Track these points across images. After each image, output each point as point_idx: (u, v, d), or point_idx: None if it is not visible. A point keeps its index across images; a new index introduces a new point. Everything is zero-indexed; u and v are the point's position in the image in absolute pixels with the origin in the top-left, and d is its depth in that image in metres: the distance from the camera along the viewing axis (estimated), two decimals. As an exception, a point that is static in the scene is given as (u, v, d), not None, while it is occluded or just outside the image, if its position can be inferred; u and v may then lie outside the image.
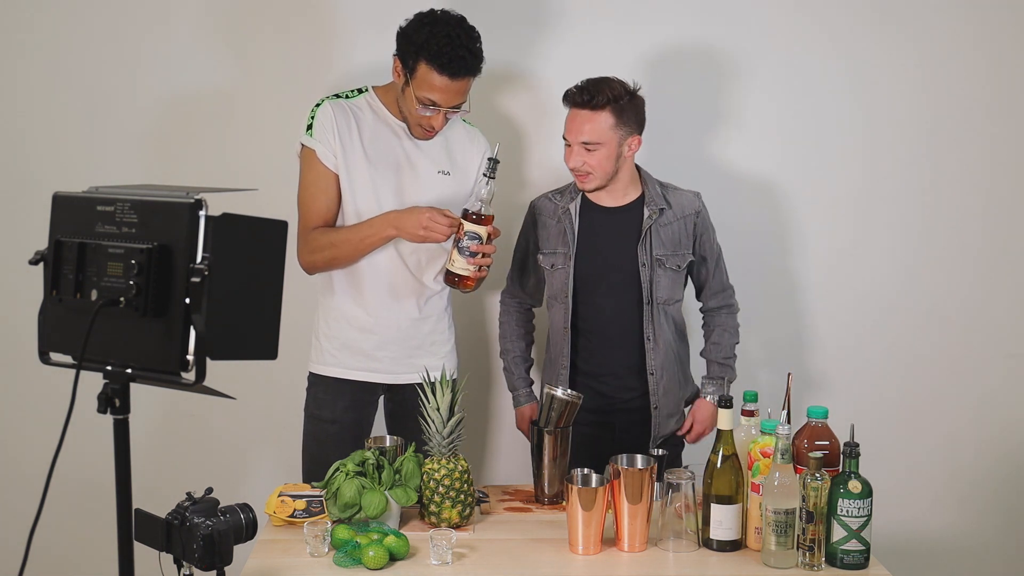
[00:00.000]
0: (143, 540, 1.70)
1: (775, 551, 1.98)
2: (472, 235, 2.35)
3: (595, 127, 2.44)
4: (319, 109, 2.48)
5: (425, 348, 2.60)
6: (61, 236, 1.56)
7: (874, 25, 3.04)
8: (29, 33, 2.97)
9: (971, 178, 3.11)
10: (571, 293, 2.57)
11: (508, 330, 2.76)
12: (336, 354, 2.58)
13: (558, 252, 2.60)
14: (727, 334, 2.69)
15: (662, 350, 2.59)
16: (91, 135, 3.01)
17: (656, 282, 2.56)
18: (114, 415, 1.54)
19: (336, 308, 2.57)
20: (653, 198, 2.58)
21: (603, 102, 2.43)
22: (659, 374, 2.59)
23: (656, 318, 2.57)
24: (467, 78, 2.40)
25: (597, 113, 2.44)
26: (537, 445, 2.38)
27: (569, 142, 2.50)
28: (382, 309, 2.54)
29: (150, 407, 2.94)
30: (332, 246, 2.47)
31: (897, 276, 3.14)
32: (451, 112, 2.44)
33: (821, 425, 2.10)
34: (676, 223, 2.59)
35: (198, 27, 2.98)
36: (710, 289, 2.69)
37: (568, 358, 2.59)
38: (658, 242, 2.57)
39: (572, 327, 2.59)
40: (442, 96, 2.39)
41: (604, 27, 3.01)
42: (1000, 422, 3.19)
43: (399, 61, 2.44)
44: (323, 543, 2.04)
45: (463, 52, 2.35)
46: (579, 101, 2.45)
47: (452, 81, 2.37)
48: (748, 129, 3.07)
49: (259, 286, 1.51)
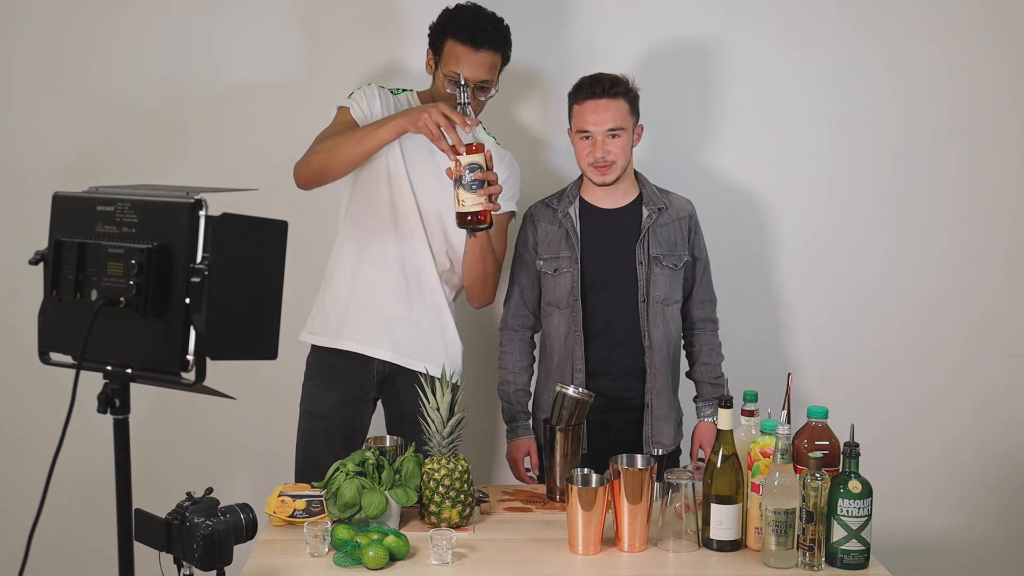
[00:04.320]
0: (143, 540, 1.70)
1: (775, 551, 1.98)
2: (472, 166, 2.25)
3: (619, 112, 2.50)
4: (367, 87, 2.55)
5: (424, 335, 2.59)
6: (61, 236, 1.56)
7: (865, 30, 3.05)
8: (29, 33, 2.97)
9: (972, 178, 3.11)
10: (580, 296, 2.58)
11: (511, 362, 2.69)
12: (328, 322, 2.59)
13: (561, 256, 2.59)
14: (715, 353, 2.70)
15: (658, 350, 2.58)
16: (91, 135, 3.01)
17: (653, 281, 2.56)
18: (114, 415, 1.54)
19: (336, 278, 2.59)
20: (652, 198, 2.60)
21: (621, 90, 2.51)
22: (654, 373, 2.59)
23: (653, 317, 2.57)
24: (490, 51, 2.47)
25: (617, 100, 2.50)
26: (549, 442, 2.39)
27: (591, 134, 2.50)
28: (380, 267, 2.56)
29: (150, 407, 2.94)
30: (337, 143, 2.39)
31: (897, 276, 3.14)
32: (479, 92, 2.47)
33: (821, 425, 2.10)
34: (672, 224, 2.61)
35: (198, 27, 2.99)
36: (697, 296, 2.68)
37: (583, 360, 2.58)
38: (655, 241, 2.57)
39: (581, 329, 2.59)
40: (468, 68, 2.41)
41: (605, 30, 3.02)
42: (1000, 422, 3.19)
43: (430, 51, 2.53)
44: (323, 543, 2.04)
45: (485, 24, 2.47)
46: (598, 91, 2.49)
47: (476, 52, 2.43)
48: (744, 136, 3.08)
49: (259, 286, 1.51)
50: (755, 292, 3.13)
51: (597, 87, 2.49)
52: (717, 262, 2.72)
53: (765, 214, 3.11)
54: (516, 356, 2.69)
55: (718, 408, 2.09)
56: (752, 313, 3.12)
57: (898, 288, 3.14)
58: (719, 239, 2.77)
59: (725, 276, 2.82)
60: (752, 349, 3.09)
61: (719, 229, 2.83)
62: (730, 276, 2.92)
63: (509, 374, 2.69)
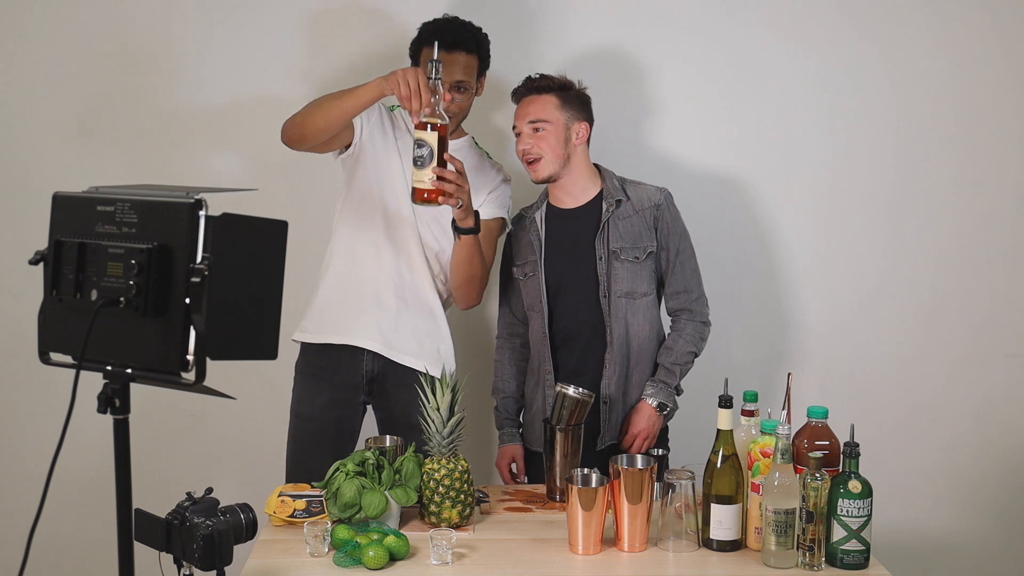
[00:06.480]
0: (143, 540, 1.70)
1: (775, 551, 1.98)
2: (420, 142, 2.23)
3: (540, 106, 2.53)
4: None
5: (415, 333, 2.59)
6: (61, 236, 1.56)
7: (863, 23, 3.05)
8: (29, 33, 2.97)
9: (972, 178, 3.11)
10: (545, 299, 2.58)
11: (503, 370, 2.72)
12: (320, 320, 2.59)
13: (528, 261, 2.61)
14: (682, 340, 2.58)
15: (618, 345, 2.55)
16: (91, 135, 3.01)
17: (614, 275, 2.54)
18: (114, 415, 1.54)
19: (329, 278, 2.60)
20: (610, 191, 2.58)
21: (548, 86, 2.55)
22: (612, 368, 2.55)
23: (615, 312, 2.54)
24: (463, 52, 2.50)
25: (541, 95, 2.54)
26: (549, 442, 2.39)
27: (518, 129, 2.55)
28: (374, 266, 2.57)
29: (150, 407, 2.93)
30: (319, 103, 2.39)
31: (898, 276, 3.14)
32: (455, 92, 2.48)
33: (821, 425, 2.10)
34: (635, 216, 2.56)
35: (199, 26, 2.99)
36: (670, 286, 2.60)
37: (551, 363, 2.58)
38: (616, 235, 2.55)
39: (550, 332, 2.59)
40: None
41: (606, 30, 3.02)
42: (1000, 422, 3.19)
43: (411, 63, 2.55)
44: (323, 543, 2.04)
45: (458, 28, 2.52)
46: (523, 89, 2.57)
47: (448, 53, 2.46)
48: (745, 135, 3.08)
49: (259, 286, 1.51)
50: (755, 292, 3.13)
51: (524, 85, 2.57)
52: (717, 262, 2.71)
53: (765, 214, 3.10)
54: (505, 364, 2.73)
55: (719, 409, 2.08)
56: (752, 313, 3.12)
57: (898, 288, 3.14)
58: (719, 239, 2.78)
59: (725, 276, 2.82)
60: (752, 349, 3.09)
61: (719, 229, 2.84)
62: (730, 276, 2.92)
63: (499, 382, 2.73)
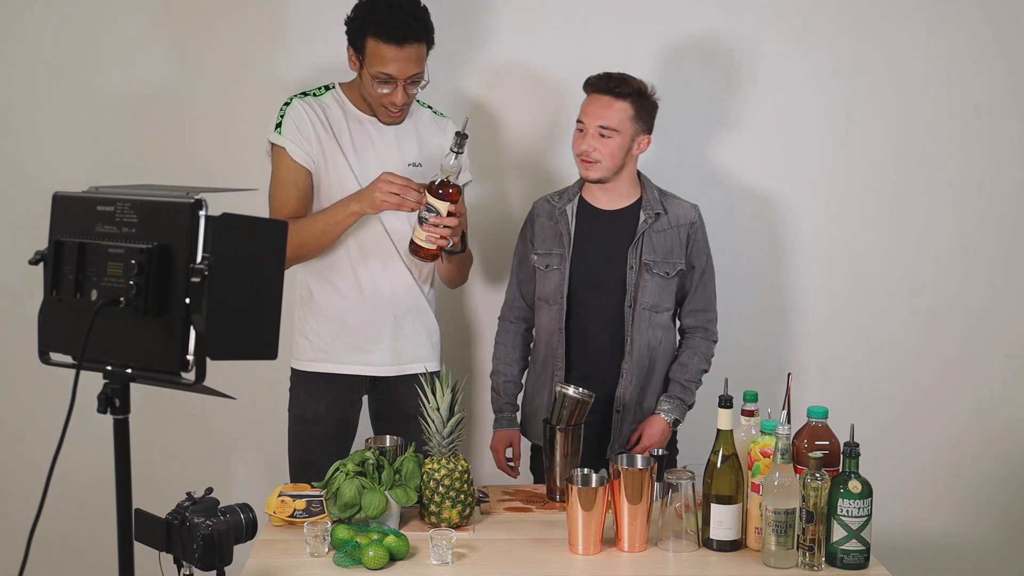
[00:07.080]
0: (143, 540, 1.70)
1: (775, 551, 1.98)
2: (429, 208, 2.32)
3: (615, 113, 2.47)
4: (288, 107, 2.50)
5: (412, 340, 2.59)
6: (61, 236, 1.56)
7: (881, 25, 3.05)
8: (27, 32, 2.97)
9: (972, 178, 3.12)
10: (566, 295, 2.57)
11: (504, 353, 2.70)
12: (321, 348, 2.57)
13: (553, 253, 2.59)
14: (696, 358, 2.61)
15: (638, 356, 2.55)
16: (91, 135, 3.01)
17: (642, 287, 2.53)
18: (114, 415, 1.54)
19: (317, 303, 2.56)
20: (650, 202, 2.56)
21: (627, 92, 2.48)
22: (629, 378, 2.56)
23: (638, 323, 2.54)
24: (415, 44, 2.39)
25: (619, 100, 2.47)
26: (549, 442, 2.39)
27: (584, 126, 2.50)
28: (365, 287, 2.54)
29: (150, 407, 2.94)
30: (301, 230, 2.42)
31: (897, 276, 3.14)
32: (410, 86, 2.43)
33: (821, 425, 2.10)
34: (670, 231, 2.57)
35: (198, 27, 2.99)
36: (690, 304, 2.62)
37: (563, 359, 2.58)
38: (649, 247, 2.54)
39: (565, 328, 2.58)
40: (395, 66, 2.38)
41: (607, 30, 3.02)
42: (1000, 422, 3.19)
43: (351, 48, 2.46)
44: (323, 543, 2.04)
45: (406, 18, 2.37)
46: (603, 88, 2.48)
47: (400, 49, 2.36)
48: (745, 135, 3.08)
49: (259, 286, 1.51)
50: (755, 292, 3.13)
51: (605, 82, 2.49)
52: (716, 262, 2.70)
53: (765, 214, 3.11)
54: (508, 347, 2.70)
55: (719, 409, 2.08)
56: (752, 313, 3.12)
57: (898, 288, 3.14)
58: (719, 239, 2.76)
59: (725, 276, 2.81)
60: (752, 349, 3.09)
61: (719, 229, 2.82)
62: (730, 276, 2.91)
63: (500, 364, 2.70)
